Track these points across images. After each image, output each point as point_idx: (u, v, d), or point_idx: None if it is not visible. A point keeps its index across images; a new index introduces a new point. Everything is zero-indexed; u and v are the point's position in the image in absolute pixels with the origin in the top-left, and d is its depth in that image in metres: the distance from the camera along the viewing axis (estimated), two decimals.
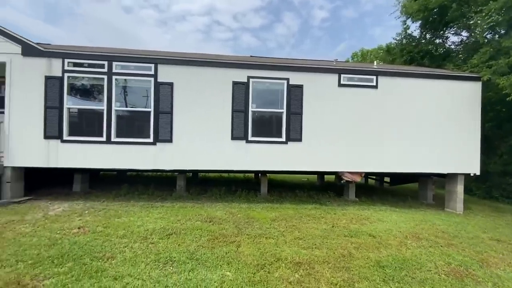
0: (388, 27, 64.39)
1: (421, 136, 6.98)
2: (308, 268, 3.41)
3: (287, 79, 6.51)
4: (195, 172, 9.92)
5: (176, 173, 7.48)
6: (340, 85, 6.70)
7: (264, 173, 7.43)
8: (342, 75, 6.69)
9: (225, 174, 12.13)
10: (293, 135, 6.53)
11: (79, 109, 6.16)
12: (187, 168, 6.43)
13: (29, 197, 6.27)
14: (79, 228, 4.50)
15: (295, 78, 6.54)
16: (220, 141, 6.39)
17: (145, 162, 6.23)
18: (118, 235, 4.22)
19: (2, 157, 5.89)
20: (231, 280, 3.05)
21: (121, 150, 6.14)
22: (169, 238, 4.24)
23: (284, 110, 6.51)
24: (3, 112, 5.96)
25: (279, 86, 6.56)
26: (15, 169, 5.99)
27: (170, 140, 6.24)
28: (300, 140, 6.56)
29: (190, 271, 3.20)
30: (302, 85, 6.56)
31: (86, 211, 5.49)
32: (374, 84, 6.81)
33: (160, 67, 6.19)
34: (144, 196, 7.02)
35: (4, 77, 7.33)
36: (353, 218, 5.88)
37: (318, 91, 6.63)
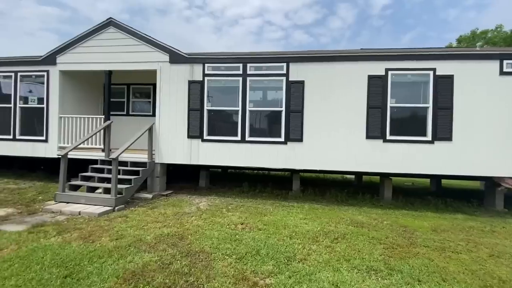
0: (467, 7, 54.32)
1: None
2: None
3: (433, 69, 5.71)
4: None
5: (287, 173, 7.39)
6: (502, 73, 5.58)
7: (401, 176, 6.74)
8: (506, 61, 5.56)
9: (321, 175, 11.73)
10: (441, 134, 5.70)
11: (216, 110, 6.53)
12: (317, 168, 6.21)
13: (170, 191, 6.93)
14: (241, 224, 4.64)
15: (443, 67, 5.69)
16: (353, 141, 5.98)
17: (276, 161, 6.24)
18: (285, 235, 4.18)
19: (154, 154, 6.61)
20: None
21: (254, 149, 6.27)
22: (338, 242, 4.02)
23: (430, 105, 5.73)
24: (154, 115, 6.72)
25: (423, 77, 5.81)
26: (162, 165, 6.68)
27: (300, 140, 6.12)
28: (449, 139, 5.69)
29: (409, 285, 2.86)
30: (452, 75, 5.68)
31: (229, 207, 5.73)
32: None
33: (291, 65, 6.12)
34: (265, 194, 7.10)
35: (153, 84, 8.32)
36: None
37: (473, 82, 5.64)
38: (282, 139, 6.18)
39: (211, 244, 3.68)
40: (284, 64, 6.14)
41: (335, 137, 6.03)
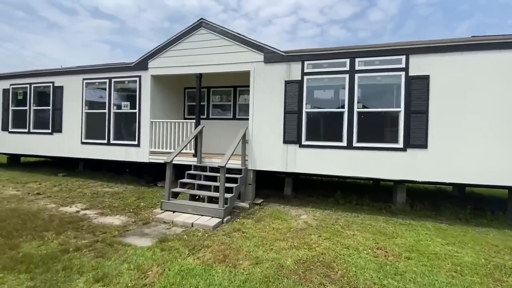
0: None
1: None
2: None
3: None
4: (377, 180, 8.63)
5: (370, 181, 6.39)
6: None
7: None
8: None
9: (410, 184, 10.41)
10: None
11: (317, 113, 5.88)
12: (446, 181, 5.20)
13: (259, 199, 6.47)
14: (377, 248, 3.90)
15: None
16: (501, 148, 4.84)
17: (390, 171, 5.37)
18: (448, 269, 3.33)
19: (247, 160, 6.21)
20: None
21: (362, 156, 5.48)
22: None
23: None
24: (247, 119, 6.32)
25: None
26: (253, 172, 6.24)
27: (424, 146, 5.15)
28: None
29: None
30: None
31: (339, 223, 5.02)
32: None
33: (412, 58, 5.19)
34: (365, 207, 6.25)
35: (234, 86, 8.03)
36: None
37: None
38: (399, 145, 5.28)
39: (371, 279, 3.00)
40: (403, 57, 5.24)
41: (472, 143, 4.94)
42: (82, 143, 7.85)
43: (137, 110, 7.21)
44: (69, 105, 8.04)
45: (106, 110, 7.54)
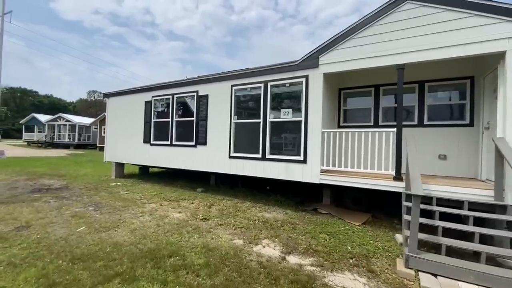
0: None
1: None
2: None
3: None
4: None
5: None
6: None
7: None
8: None
9: None
10: None
11: None
12: None
13: None
14: None
15: None
16: None
17: None
18: None
19: (504, 190, 4.02)
20: None
21: None
22: None
23: None
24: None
25: None
26: None
27: None
28: None
29: None
30: None
31: None
32: None
33: None
34: None
35: (420, 82, 6.01)
36: None
37: None
38: None
39: None
40: None
41: None
42: (230, 157, 6.93)
43: (302, 118, 5.83)
44: (215, 115, 7.29)
45: (261, 120, 6.42)
